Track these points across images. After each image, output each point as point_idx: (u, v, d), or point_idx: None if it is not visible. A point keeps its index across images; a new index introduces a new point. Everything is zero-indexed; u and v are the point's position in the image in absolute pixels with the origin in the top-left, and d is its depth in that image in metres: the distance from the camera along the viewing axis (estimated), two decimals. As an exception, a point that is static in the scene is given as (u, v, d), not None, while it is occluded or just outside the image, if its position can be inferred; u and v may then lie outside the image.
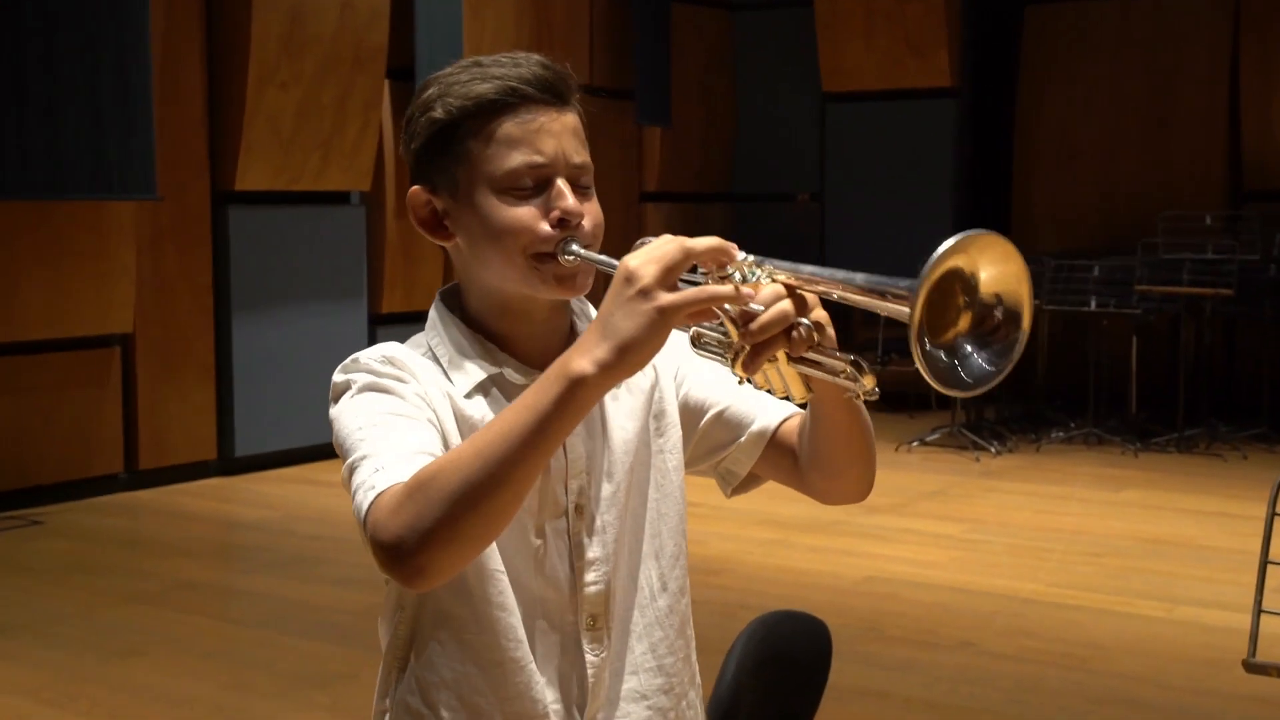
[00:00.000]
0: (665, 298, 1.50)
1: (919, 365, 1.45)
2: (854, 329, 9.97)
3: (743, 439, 1.96)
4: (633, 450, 1.90)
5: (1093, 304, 9.36)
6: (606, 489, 1.87)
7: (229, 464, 8.67)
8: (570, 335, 1.90)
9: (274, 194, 8.73)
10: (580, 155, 1.80)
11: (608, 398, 1.88)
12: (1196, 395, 9.69)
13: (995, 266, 1.47)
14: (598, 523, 1.86)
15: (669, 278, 1.51)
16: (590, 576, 1.85)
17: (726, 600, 5.71)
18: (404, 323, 9.49)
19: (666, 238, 1.56)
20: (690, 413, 1.98)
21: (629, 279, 1.51)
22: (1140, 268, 9.34)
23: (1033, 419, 10.11)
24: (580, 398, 1.51)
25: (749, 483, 2.01)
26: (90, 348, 7.98)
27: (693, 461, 2.00)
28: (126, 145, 7.52)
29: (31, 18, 7.16)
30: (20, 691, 4.88)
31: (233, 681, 4.98)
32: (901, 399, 11.09)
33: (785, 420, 1.94)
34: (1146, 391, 9.80)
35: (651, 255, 1.53)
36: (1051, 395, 10.44)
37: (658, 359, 1.81)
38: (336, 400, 1.78)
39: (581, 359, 1.51)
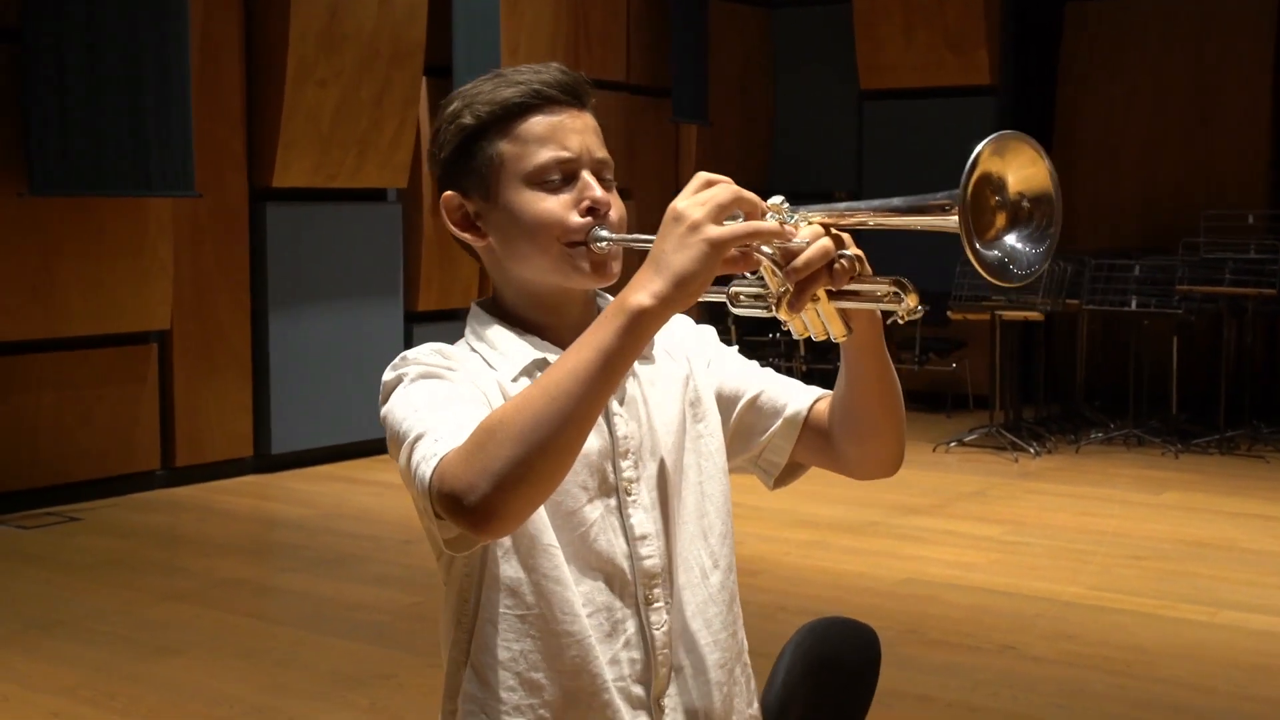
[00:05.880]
0: (714, 230, 1.56)
1: (974, 263, 1.55)
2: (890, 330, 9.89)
3: (778, 424, 2.01)
4: (674, 431, 1.94)
5: (1133, 304, 9.28)
6: (651, 467, 1.91)
7: (265, 461, 8.68)
8: None
9: (311, 191, 8.74)
10: (602, 151, 1.89)
11: (646, 384, 1.94)
12: (1238, 396, 9.60)
13: (1022, 169, 1.60)
14: (645, 499, 1.89)
15: (719, 215, 1.57)
16: (644, 550, 1.88)
17: (765, 601, 5.66)
18: (440, 320, 9.48)
19: (704, 176, 1.62)
20: (724, 401, 2.03)
21: (678, 218, 1.58)
22: (1181, 267, 9.26)
23: (1072, 420, 10.04)
24: (642, 328, 1.57)
25: (791, 472, 2.05)
26: (128, 344, 8.00)
27: (731, 453, 2.03)
28: (165, 142, 7.55)
29: (73, 16, 7.19)
30: (58, 690, 4.88)
31: (270, 682, 4.97)
32: (939, 399, 11.03)
33: (817, 401, 2.00)
34: (1187, 392, 9.71)
35: (699, 197, 1.59)
36: (1091, 396, 10.36)
37: (688, 350, 2.01)
38: (388, 397, 1.80)
39: (639, 294, 1.57)
